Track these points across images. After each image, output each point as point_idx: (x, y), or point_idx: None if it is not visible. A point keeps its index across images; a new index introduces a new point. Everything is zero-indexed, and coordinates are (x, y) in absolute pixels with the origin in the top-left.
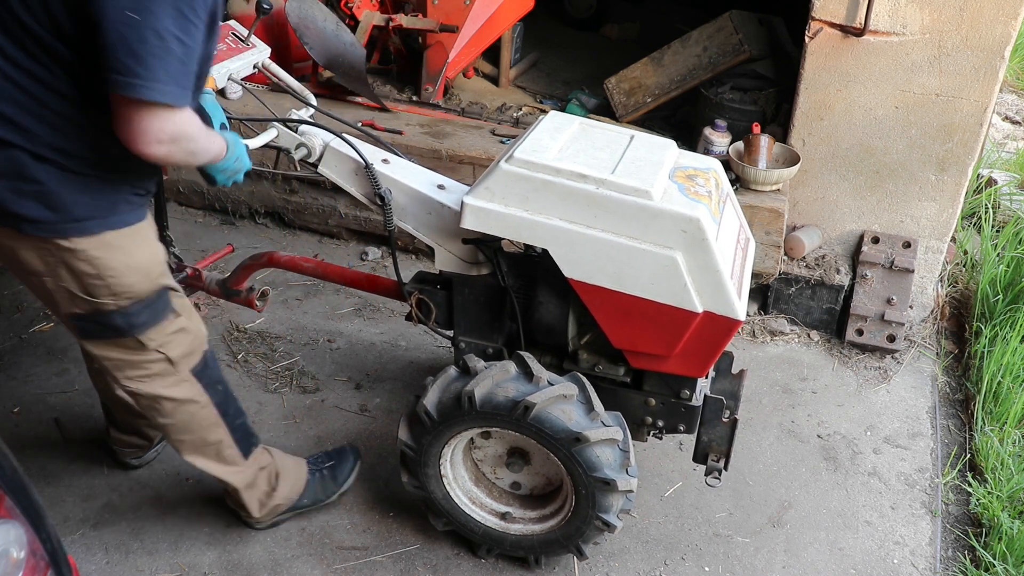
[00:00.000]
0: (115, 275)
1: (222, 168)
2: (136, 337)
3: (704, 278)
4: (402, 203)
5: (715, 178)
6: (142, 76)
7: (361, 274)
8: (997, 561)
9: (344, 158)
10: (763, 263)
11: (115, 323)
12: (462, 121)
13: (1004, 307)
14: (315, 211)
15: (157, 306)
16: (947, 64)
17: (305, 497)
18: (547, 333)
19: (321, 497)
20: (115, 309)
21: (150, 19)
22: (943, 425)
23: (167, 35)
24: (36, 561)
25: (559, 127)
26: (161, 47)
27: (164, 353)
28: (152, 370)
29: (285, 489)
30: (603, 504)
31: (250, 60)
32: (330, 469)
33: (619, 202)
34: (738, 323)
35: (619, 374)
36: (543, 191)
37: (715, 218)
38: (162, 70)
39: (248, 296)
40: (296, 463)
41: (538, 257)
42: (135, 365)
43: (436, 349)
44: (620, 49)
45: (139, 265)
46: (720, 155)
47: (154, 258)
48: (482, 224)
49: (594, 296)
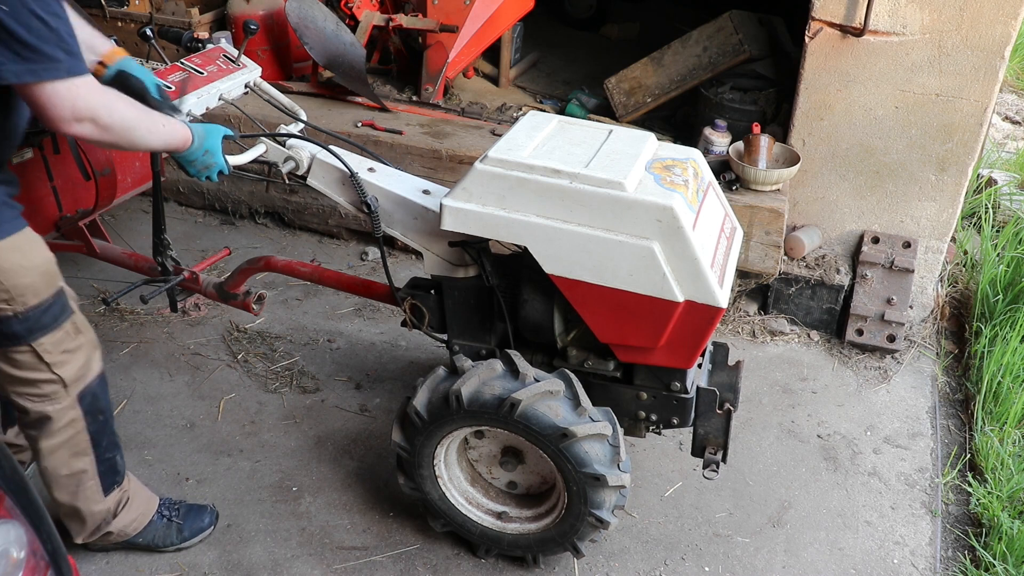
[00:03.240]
0: (11, 277)
1: (190, 159)
2: (32, 346)
3: (683, 267)
4: (388, 210)
5: (693, 167)
6: (33, 60)
7: (357, 279)
8: (997, 561)
9: (330, 168)
10: (763, 263)
11: (13, 330)
12: (462, 121)
13: (1004, 307)
14: (315, 211)
15: (54, 309)
16: (947, 64)
17: (141, 536)
18: (534, 331)
19: (158, 543)
20: (12, 315)
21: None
22: (943, 425)
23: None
24: (36, 561)
25: (536, 126)
26: (42, 28)
27: (58, 374)
28: (44, 390)
29: (125, 520)
30: (595, 500)
31: (241, 80)
32: (180, 520)
33: (592, 195)
34: (720, 311)
35: (609, 369)
36: (518, 189)
37: (692, 207)
38: (56, 50)
39: (245, 300)
40: (148, 499)
41: (521, 255)
42: (28, 383)
43: (436, 349)
44: (620, 49)
45: (35, 265)
46: (720, 155)
47: (48, 259)
48: (461, 225)
49: (576, 291)
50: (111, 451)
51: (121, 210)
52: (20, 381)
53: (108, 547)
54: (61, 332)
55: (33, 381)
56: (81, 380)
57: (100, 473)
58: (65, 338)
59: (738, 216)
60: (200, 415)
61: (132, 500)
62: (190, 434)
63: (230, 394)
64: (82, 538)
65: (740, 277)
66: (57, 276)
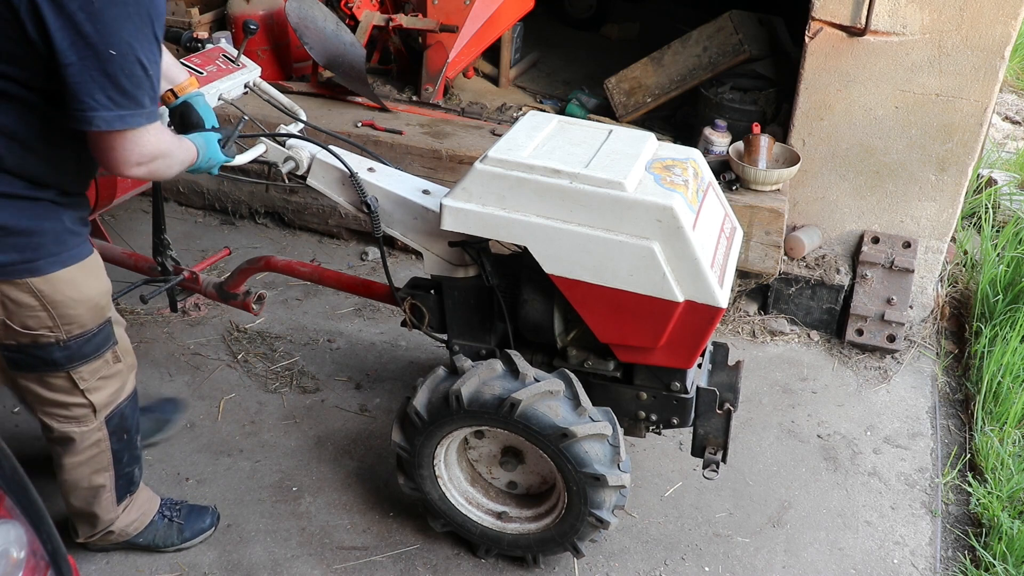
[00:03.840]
0: (60, 307)
1: (194, 169)
2: (69, 373)
3: (683, 267)
4: (388, 210)
5: (693, 167)
6: (126, 107)
7: (357, 280)
8: (997, 561)
9: (330, 168)
10: (763, 263)
11: (53, 357)
12: (462, 121)
13: (1004, 307)
14: (315, 211)
15: (98, 339)
16: (947, 64)
17: (142, 536)
18: (534, 331)
19: (159, 543)
20: (55, 342)
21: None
22: (943, 425)
23: (146, 63)
24: (36, 561)
25: (536, 126)
26: (142, 76)
27: (90, 399)
28: (73, 413)
29: (126, 520)
30: (595, 500)
31: (240, 80)
32: (181, 521)
33: (592, 195)
34: (720, 311)
35: (609, 369)
36: (518, 188)
37: (692, 207)
38: (145, 97)
39: (245, 300)
40: (149, 499)
41: (521, 255)
42: (59, 405)
43: (436, 349)
44: (620, 49)
45: (86, 299)
46: (720, 155)
47: (101, 292)
48: (461, 225)
49: (576, 291)
50: (131, 465)
51: (121, 210)
52: (50, 403)
53: (108, 547)
54: (100, 361)
55: (64, 404)
56: (111, 404)
57: (117, 487)
58: (103, 367)
59: (738, 216)
60: (200, 415)
61: (134, 501)
62: (190, 434)
63: (230, 394)
64: (84, 538)
65: (740, 277)
66: (107, 308)
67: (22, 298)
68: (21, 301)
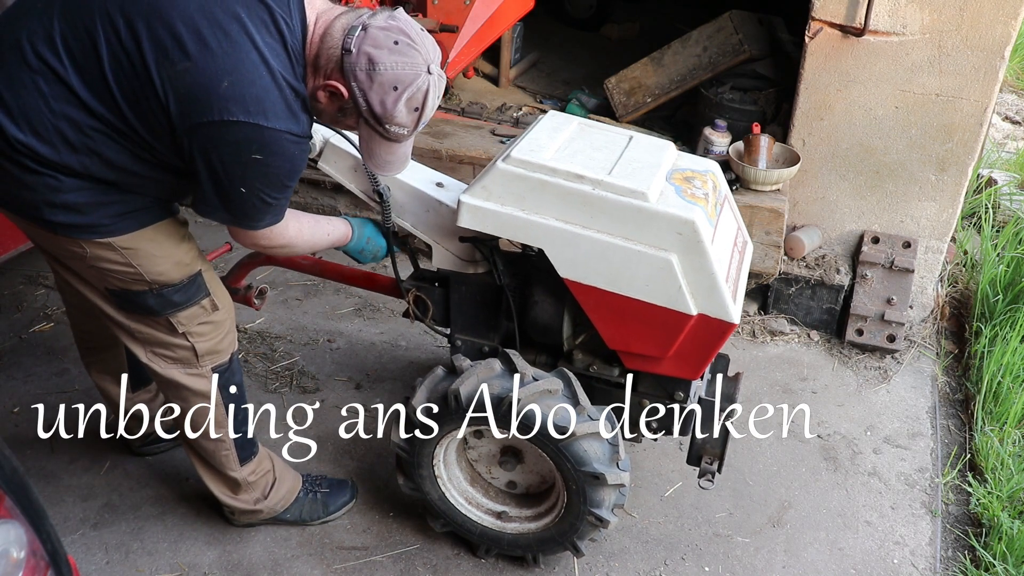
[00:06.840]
0: (144, 262)
1: (357, 250)
2: (167, 318)
3: (699, 280)
4: (400, 200)
5: (713, 180)
6: (245, 221)
7: (359, 271)
8: (997, 561)
9: (343, 154)
10: (763, 263)
11: (148, 303)
12: (462, 121)
13: (1004, 307)
14: (315, 211)
15: (189, 290)
16: (947, 64)
17: (289, 512)
18: (542, 332)
19: (305, 517)
20: (148, 289)
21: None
22: (943, 425)
23: (271, 200)
24: (36, 561)
25: (557, 127)
26: (263, 208)
27: (191, 343)
28: (177, 355)
29: (274, 500)
30: (594, 499)
31: None
32: (324, 495)
33: (615, 203)
34: (732, 326)
35: (613, 375)
36: (539, 191)
37: (711, 220)
38: (265, 216)
39: (246, 294)
40: (293, 477)
41: (534, 256)
42: (163, 344)
43: (436, 349)
44: (620, 49)
45: (167, 255)
46: (720, 155)
47: (184, 251)
48: (478, 223)
49: (589, 296)
50: (245, 424)
51: None
52: (156, 342)
53: (256, 523)
54: (197, 308)
55: (167, 344)
56: (215, 354)
57: (237, 446)
58: (200, 313)
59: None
60: None
61: (280, 480)
62: None
63: None
64: (237, 513)
65: None
66: (192, 265)
67: (107, 255)
68: (107, 257)
